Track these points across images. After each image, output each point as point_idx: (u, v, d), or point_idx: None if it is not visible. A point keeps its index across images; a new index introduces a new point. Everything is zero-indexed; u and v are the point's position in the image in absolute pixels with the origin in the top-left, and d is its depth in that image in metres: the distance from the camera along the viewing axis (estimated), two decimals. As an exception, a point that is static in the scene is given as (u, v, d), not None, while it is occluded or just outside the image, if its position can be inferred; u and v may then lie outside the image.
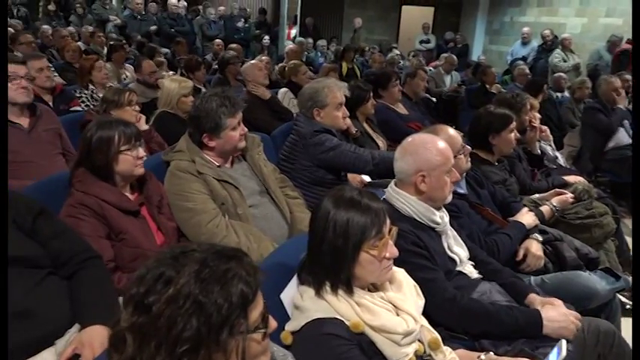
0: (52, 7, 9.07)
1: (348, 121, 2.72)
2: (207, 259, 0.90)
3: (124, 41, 6.87)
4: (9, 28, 6.83)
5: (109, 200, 1.76)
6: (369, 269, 1.30)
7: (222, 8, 10.17)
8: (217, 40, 7.23)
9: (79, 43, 6.65)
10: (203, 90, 4.91)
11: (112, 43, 5.85)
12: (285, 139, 2.86)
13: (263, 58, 5.83)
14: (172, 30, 8.78)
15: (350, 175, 2.81)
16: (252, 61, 4.33)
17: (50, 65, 3.86)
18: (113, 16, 8.63)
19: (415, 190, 1.73)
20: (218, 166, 2.15)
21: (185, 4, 9.60)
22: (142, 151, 1.86)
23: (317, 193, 2.50)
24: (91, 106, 3.89)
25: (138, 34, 8.15)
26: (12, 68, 2.50)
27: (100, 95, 4.01)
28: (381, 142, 3.56)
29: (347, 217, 1.27)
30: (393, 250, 1.32)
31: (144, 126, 3.08)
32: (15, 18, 9.01)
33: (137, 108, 3.15)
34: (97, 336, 1.35)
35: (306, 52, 8.85)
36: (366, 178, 3.04)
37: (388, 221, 1.32)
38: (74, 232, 1.61)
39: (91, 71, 3.99)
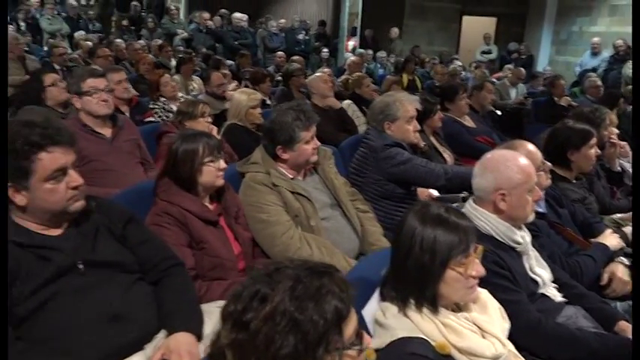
0: (125, 22, 9.55)
1: (418, 134, 2.70)
2: (300, 276, 0.91)
3: (193, 54, 7.12)
4: (87, 42, 7.29)
5: (191, 210, 1.82)
6: (455, 287, 1.28)
7: (283, 21, 10.39)
8: (280, 53, 7.38)
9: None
10: (268, 102, 5.03)
11: (180, 55, 6.07)
12: (353, 151, 2.87)
13: (325, 70, 5.88)
14: (236, 43, 9.05)
15: (418, 190, 2.78)
16: (318, 74, 4.39)
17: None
18: (180, 29, 8.99)
19: (494, 209, 1.69)
20: (291, 179, 2.18)
21: (247, 17, 9.88)
22: (222, 163, 1.92)
23: (387, 207, 2.49)
24: (164, 117, 4.05)
25: (203, 46, 8.44)
26: (92, 82, 2.64)
27: (172, 107, 4.19)
28: (447, 156, 3.50)
29: (434, 233, 1.25)
30: (479, 269, 1.29)
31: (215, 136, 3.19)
32: (90, 32, 9.59)
33: (209, 119, 3.25)
34: (183, 343, 1.39)
35: (365, 64, 8.87)
36: (435, 193, 2.99)
37: (475, 239, 1.29)
38: (159, 239, 1.67)
39: (159, 85, 4.16)
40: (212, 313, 1.57)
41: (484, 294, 1.41)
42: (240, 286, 0.92)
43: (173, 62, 6.82)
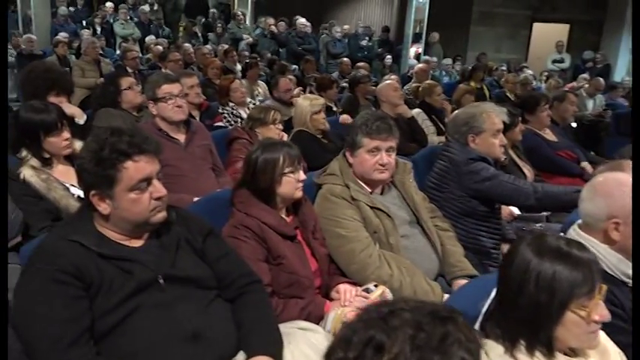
0: (196, 27, 9.79)
1: (503, 149, 2.52)
2: (421, 323, 0.79)
3: (257, 58, 7.18)
4: (157, 46, 7.50)
5: (269, 223, 1.74)
6: (574, 332, 1.12)
7: (346, 27, 10.32)
8: (345, 59, 7.30)
9: (216, 60, 7.08)
10: (334, 108, 4.95)
11: (247, 60, 6.11)
12: (427, 164, 2.73)
13: (392, 77, 5.74)
14: (299, 48, 9.07)
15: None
16: (387, 81, 4.25)
17: (197, 82, 4.10)
18: (246, 34, 9.10)
19: (605, 238, 1.50)
20: (370, 193, 2.07)
21: (310, 23, 9.88)
22: (302, 174, 1.83)
23: (468, 226, 2.33)
24: (232, 122, 4.05)
25: (267, 51, 8.50)
26: (168, 88, 2.62)
27: (240, 112, 4.19)
28: (527, 171, 3.28)
29: (553, 269, 1.10)
30: (604, 313, 1.13)
31: None
32: (160, 37, 9.89)
33: (280, 127, 3.20)
34: (263, 366, 1.31)
35: (430, 71, 8.65)
36: (516, 211, 2.80)
37: (600, 278, 1.13)
38: (237, 254, 1.60)
39: (229, 91, 4.16)
40: (290, 335, 1.49)
41: (602, 336, 1.24)
42: (349, 329, 0.81)
43: (238, 67, 6.89)
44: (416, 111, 4.43)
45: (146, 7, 10.41)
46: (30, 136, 2.18)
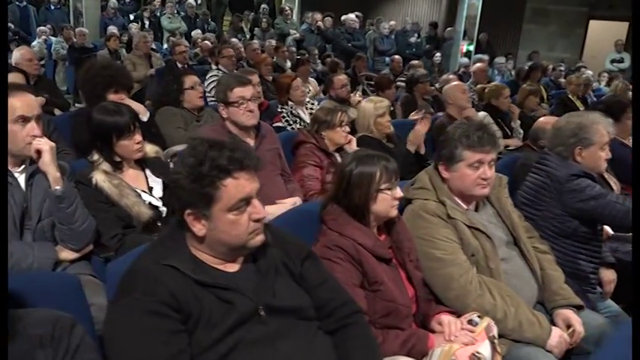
0: (241, 22, 9.71)
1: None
2: None
3: (307, 55, 7.02)
4: (206, 41, 7.43)
5: (365, 244, 1.59)
6: None
7: (393, 22, 10.07)
8: (396, 57, 7.08)
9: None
10: (391, 109, 4.75)
11: (298, 57, 5.97)
12: (511, 174, 2.51)
13: (451, 76, 5.51)
14: (349, 44, 8.88)
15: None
16: (455, 82, 4.03)
17: (255, 80, 3.97)
18: (293, 30, 8.97)
19: None
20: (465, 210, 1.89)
21: (359, 18, 9.67)
22: (399, 191, 1.66)
23: (567, 248, 2.12)
24: (291, 122, 3.92)
25: (315, 47, 8.34)
26: (240, 92, 2.48)
27: (299, 112, 4.04)
28: (614, 184, 3.01)
29: None
30: None
31: (354, 147, 2.96)
32: (206, 31, 9.87)
33: (347, 129, 3.03)
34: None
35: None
36: (609, 230, 2.56)
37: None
38: (335, 279, 1.45)
39: (289, 89, 4.01)
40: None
41: None
42: None
43: (288, 64, 6.76)
44: (482, 114, 4.20)
45: (192, 1, 10.39)
46: (102, 138, 2.08)
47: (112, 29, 8.82)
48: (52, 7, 9.26)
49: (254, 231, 1.26)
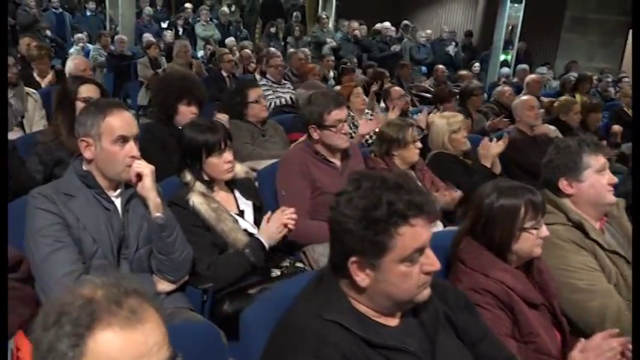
0: (273, 29, 9.62)
1: None
2: None
3: (348, 64, 6.87)
4: (246, 50, 7.33)
5: (515, 288, 1.42)
6: None
7: (429, 31, 9.90)
8: (440, 67, 6.89)
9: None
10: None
11: (343, 66, 5.82)
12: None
13: (506, 88, 5.31)
14: (382, 53, 8.73)
15: None
16: (524, 97, 3.84)
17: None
18: (329, 38, 8.84)
19: None
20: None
21: (394, 27, 9.52)
22: (545, 230, 1.48)
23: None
24: (352, 134, 3.76)
25: (353, 56, 8.19)
26: (337, 114, 2.32)
27: (360, 122, 3.88)
28: None
29: None
30: None
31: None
32: (239, 39, 9.79)
33: (419, 145, 2.85)
34: None
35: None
36: None
37: None
38: (492, 331, 1.28)
39: (349, 98, 3.86)
40: None
41: None
42: None
43: (331, 73, 6.62)
44: (551, 128, 4.00)
45: (226, 9, 10.34)
46: (192, 156, 1.95)
47: (148, 36, 8.79)
48: (89, 14, 9.26)
49: (423, 284, 1.10)
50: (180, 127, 2.89)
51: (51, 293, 1.52)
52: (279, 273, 2.04)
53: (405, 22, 9.35)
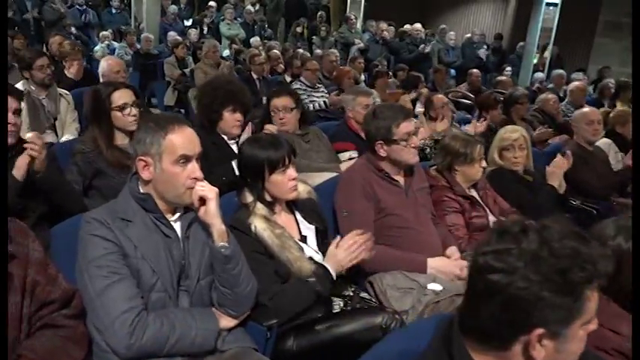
0: (299, 29, 9.45)
1: None
2: None
3: (380, 67, 6.67)
4: (274, 51, 7.16)
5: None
6: None
7: (452, 33, 9.64)
8: (475, 71, 6.64)
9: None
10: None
11: (377, 69, 5.60)
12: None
13: (550, 96, 5.07)
14: (411, 55, 8.51)
15: None
16: (584, 110, 3.60)
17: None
18: (357, 39, 8.65)
19: None
20: None
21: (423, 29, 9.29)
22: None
23: None
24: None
25: (383, 58, 7.99)
26: (406, 127, 2.12)
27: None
28: None
29: None
30: None
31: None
32: (264, 38, 9.63)
33: (484, 164, 2.63)
34: None
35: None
36: None
37: None
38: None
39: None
40: None
41: None
42: None
43: (363, 77, 6.42)
44: (605, 141, 3.77)
45: (250, 7, 10.18)
46: (253, 174, 1.77)
47: (173, 35, 8.66)
48: (113, 11, 9.14)
49: None
50: (223, 136, 2.74)
51: (107, 333, 1.35)
52: (341, 303, 1.86)
53: (443, 26, 9.08)
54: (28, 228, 1.37)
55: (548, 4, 8.43)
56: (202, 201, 1.48)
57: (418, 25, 8.66)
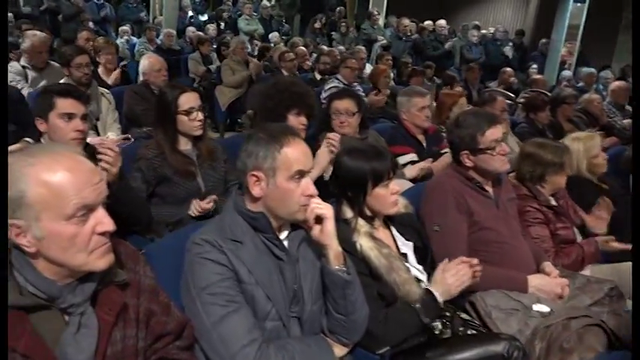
0: (318, 25, 9.28)
1: None
2: None
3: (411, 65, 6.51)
4: (301, 48, 7.00)
5: None
6: None
7: (474, 30, 9.45)
8: (508, 69, 6.47)
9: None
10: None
11: (414, 67, 5.42)
12: None
13: (594, 96, 4.92)
14: (435, 52, 8.34)
15: None
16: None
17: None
18: (380, 36, 8.48)
19: None
20: None
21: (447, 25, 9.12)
22: None
23: None
24: (452, 150, 3.42)
25: (408, 55, 7.82)
26: (493, 133, 1.98)
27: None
28: None
29: None
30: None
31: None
32: (282, 34, 9.47)
33: (569, 171, 2.49)
34: None
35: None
36: None
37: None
38: None
39: (452, 107, 3.52)
40: None
41: None
42: None
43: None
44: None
45: (267, 2, 10.01)
46: (356, 187, 1.64)
47: (192, 30, 8.51)
48: (131, 5, 8.98)
49: None
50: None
51: (226, 367, 1.23)
52: (439, 324, 1.73)
53: (476, 22, 8.89)
54: (137, 251, 1.24)
55: (575, 0, 8.25)
56: (318, 220, 1.35)
57: (442, 22, 8.47)
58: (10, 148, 2.78)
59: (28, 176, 0.97)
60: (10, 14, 6.67)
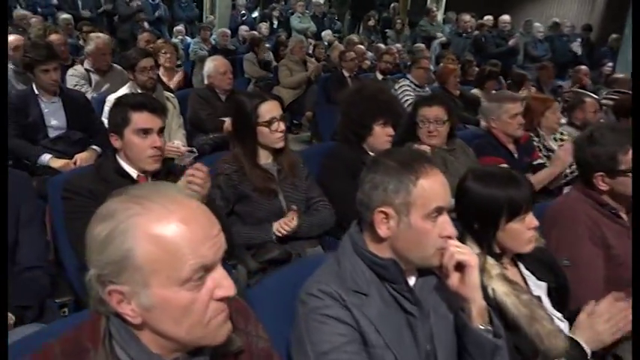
0: (372, 22, 8.99)
1: None
2: None
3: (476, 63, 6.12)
4: (359, 46, 6.73)
5: None
6: None
7: (538, 25, 8.92)
8: (582, 67, 5.99)
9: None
10: None
11: (490, 68, 5.02)
12: None
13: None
14: (498, 49, 7.89)
15: None
16: None
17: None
18: (439, 32, 8.11)
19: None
20: None
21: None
22: None
23: None
24: (544, 160, 3.09)
25: (470, 53, 7.42)
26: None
27: (550, 143, 3.19)
28: None
29: None
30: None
31: None
32: (334, 31, 9.24)
33: None
34: None
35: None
36: None
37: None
38: None
39: (545, 113, 3.18)
40: None
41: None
42: None
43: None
44: None
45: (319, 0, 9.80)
46: (487, 219, 1.37)
47: (245, 29, 8.39)
48: (183, 4, 8.94)
49: None
50: (370, 152, 2.37)
51: None
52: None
53: (555, 20, 8.39)
54: (247, 306, 1.02)
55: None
56: (458, 267, 1.10)
57: (506, 17, 7.99)
58: (80, 156, 2.75)
59: (136, 229, 0.76)
60: (69, 16, 6.71)
